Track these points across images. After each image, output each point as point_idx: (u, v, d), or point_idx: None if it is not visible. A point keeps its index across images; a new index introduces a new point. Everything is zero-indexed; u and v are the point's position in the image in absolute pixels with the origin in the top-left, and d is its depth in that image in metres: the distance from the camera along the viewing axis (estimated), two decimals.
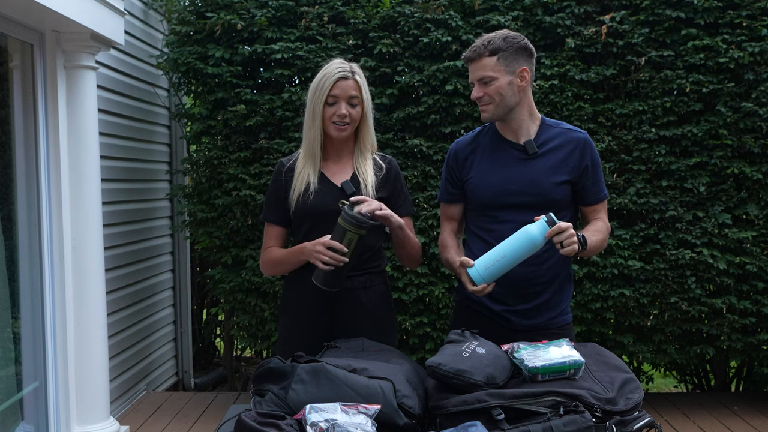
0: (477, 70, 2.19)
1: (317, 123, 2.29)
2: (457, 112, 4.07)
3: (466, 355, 1.77)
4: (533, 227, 2.01)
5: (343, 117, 2.26)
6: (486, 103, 2.20)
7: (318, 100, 2.27)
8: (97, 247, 3.51)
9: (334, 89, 2.26)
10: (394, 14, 4.10)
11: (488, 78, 2.17)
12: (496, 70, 2.17)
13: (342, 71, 2.27)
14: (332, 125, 2.28)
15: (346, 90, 2.27)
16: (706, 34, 4.03)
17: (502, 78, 2.17)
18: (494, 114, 2.21)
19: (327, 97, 2.26)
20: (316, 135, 2.30)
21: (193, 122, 4.51)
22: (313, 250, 2.18)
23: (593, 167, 2.27)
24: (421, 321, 4.14)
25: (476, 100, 2.22)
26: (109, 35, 3.48)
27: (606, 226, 2.30)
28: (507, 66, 2.18)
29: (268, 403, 1.71)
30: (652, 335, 4.17)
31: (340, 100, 2.26)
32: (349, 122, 2.28)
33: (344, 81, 2.26)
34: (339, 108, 2.26)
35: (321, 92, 2.27)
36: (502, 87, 2.18)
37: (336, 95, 2.26)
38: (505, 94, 2.19)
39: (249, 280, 4.20)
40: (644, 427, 1.67)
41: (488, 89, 2.18)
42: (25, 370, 3.35)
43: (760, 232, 4.02)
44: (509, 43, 2.18)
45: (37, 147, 3.33)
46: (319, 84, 2.28)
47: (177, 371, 5.42)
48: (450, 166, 2.35)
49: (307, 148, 2.33)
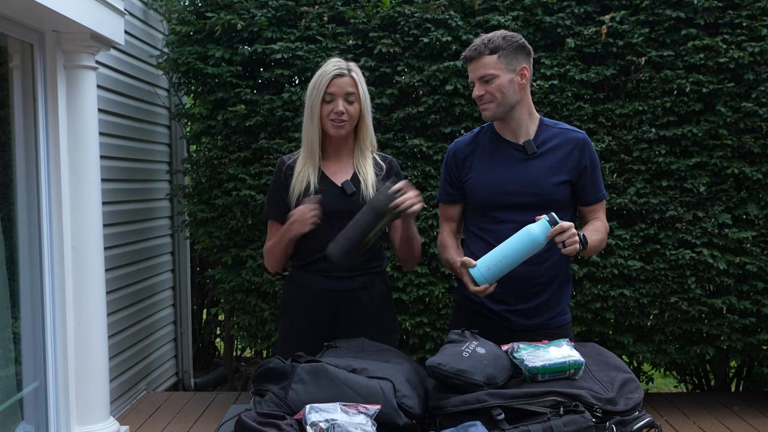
0: (478, 68, 2.18)
1: (315, 121, 2.29)
2: (457, 112, 4.07)
3: (466, 355, 1.77)
4: (535, 227, 2.01)
5: (340, 114, 2.26)
6: (487, 101, 2.19)
7: (315, 99, 2.28)
8: (97, 247, 3.51)
9: (331, 86, 2.26)
10: (394, 14, 4.10)
11: (489, 76, 2.17)
12: (497, 68, 2.17)
13: (338, 69, 2.27)
14: (330, 123, 2.28)
15: (343, 87, 2.27)
16: (706, 34, 4.03)
17: (503, 76, 2.18)
18: (495, 112, 2.21)
19: (324, 94, 2.26)
20: (315, 133, 2.31)
21: (193, 122, 4.52)
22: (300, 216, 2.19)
23: (592, 167, 2.28)
24: (421, 321, 4.14)
25: (477, 99, 2.22)
26: (109, 35, 3.48)
27: (605, 226, 2.31)
28: (507, 64, 2.18)
29: (268, 403, 1.71)
30: (652, 335, 4.17)
31: (336, 98, 2.26)
32: (346, 119, 2.28)
33: (340, 78, 2.27)
34: (336, 105, 2.26)
35: (318, 90, 2.27)
36: (503, 85, 2.18)
37: (333, 93, 2.26)
38: (506, 92, 2.19)
39: (249, 280, 4.20)
40: (644, 427, 1.67)
41: (490, 87, 2.18)
42: (25, 370, 3.35)
43: (760, 232, 4.02)
44: (509, 41, 2.19)
45: (37, 147, 3.33)
46: (316, 82, 2.28)
47: (177, 371, 5.42)
48: (449, 166, 2.35)
49: (306, 147, 2.34)
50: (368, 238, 2.13)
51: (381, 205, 2.11)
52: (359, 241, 2.13)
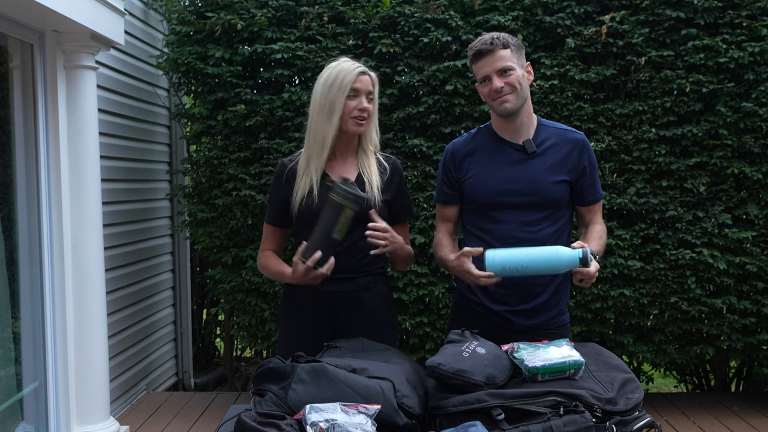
0: (496, 61, 2.16)
1: (335, 117, 2.25)
2: (457, 112, 4.07)
3: (466, 355, 1.77)
4: (566, 254, 1.98)
5: (363, 111, 2.26)
6: (508, 92, 2.17)
7: (338, 95, 2.24)
8: (97, 247, 3.51)
9: (356, 83, 2.25)
10: (394, 14, 4.10)
11: (508, 67, 2.17)
12: (513, 61, 2.18)
13: (361, 67, 2.28)
14: (351, 120, 2.26)
15: (366, 85, 2.27)
16: (706, 34, 4.03)
17: (518, 69, 2.19)
18: (515, 104, 2.19)
19: (350, 90, 2.25)
20: (331, 129, 2.26)
21: (193, 122, 4.52)
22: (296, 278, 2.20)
23: (591, 168, 2.28)
24: (421, 321, 4.14)
25: (495, 93, 2.18)
26: (109, 35, 3.48)
27: (604, 229, 2.33)
28: (518, 59, 2.20)
29: (268, 403, 1.71)
30: (652, 335, 4.17)
31: (361, 95, 2.26)
32: (367, 117, 2.28)
33: (364, 76, 2.27)
34: (360, 102, 2.25)
35: (342, 86, 2.24)
36: (520, 77, 2.19)
37: (358, 89, 2.25)
38: (523, 84, 2.20)
39: (249, 280, 4.20)
40: (644, 427, 1.67)
41: (509, 78, 2.17)
42: (25, 370, 3.35)
43: (760, 232, 4.02)
44: (513, 39, 2.22)
45: (37, 147, 3.33)
46: (338, 78, 2.25)
47: (177, 371, 5.42)
48: (447, 167, 2.34)
49: (315, 143, 2.29)
50: (335, 234, 2.13)
51: (337, 199, 2.11)
52: (328, 242, 2.13)
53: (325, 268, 2.14)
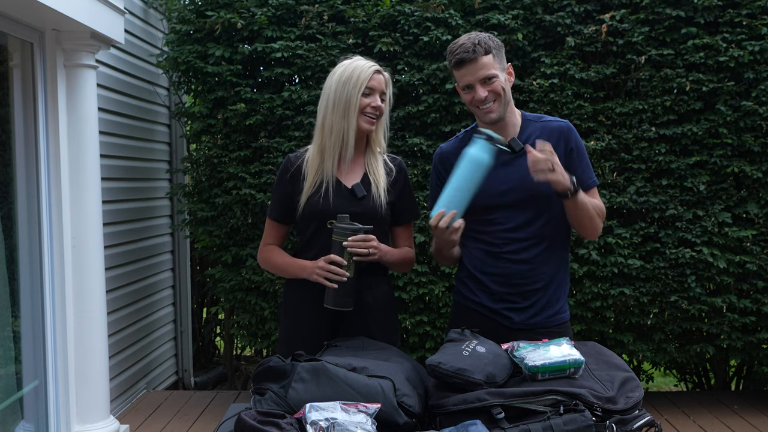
0: (479, 69, 2.13)
1: (352, 114, 2.24)
2: (457, 110, 4.07)
3: (466, 354, 1.77)
4: (473, 152, 2.03)
5: (376, 109, 2.26)
6: (491, 101, 2.16)
7: (354, 91, 2.23)
8: (97, 246, 3.51)
9: (372, 81, 2.24)
10: (394, 13, 4.10)
11: (492, 75, 2.14)
12: (495, 67, 2.15)
13: (376, 65, 2.28)
14: (362, 117, 2.25)
15: (381, 84, 2.27)
16: (706, 32, 4.03)
17: (500, 75, 2.17)
18: (500, 113, 2.18)
19: (365, 88, 2.24)
20: (349, 126, 2.24)
21: (193, 121, 4.51)
22: (314, 268, 2.19)
23: (578, 153, 2.23)
24: (421, 320, 4.14)
25: (479, 103, 2.16)
26: (109, 34, 3.48)
27: (600, 204, 2.26)
28: (500, 63, 2.18)
29: (268, 401, 1.71)
30: (652, 334, 4.17)
31: (375, 93, 2.26)
32: (379, 115, 2.28)
33: (379, 75, 2.27)
34: (375, 99, 2.25)
35: (358, 83, 2.23)
36: (503, 83, 2.17)
37: (373, 87, 2.25)
38: (506, 88, 2.18)
39: (249, 279, 4.20)
40: (644, 425, 1.67)
41: (493, 86, 2.15)
42: (25, 369, 3.35)
43: (760, 230, 4.02)
44: (494, 41, 2.18)
45: (37, 146, 3.33)
46: (353, 75, 2.24)
47: (177, 370, 5.42)
48: (438, 171, 2.33)
49: (335, 140, 2.26)
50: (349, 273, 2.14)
51: (338, 239, 2.14)
52: (346, 284, 2.15)
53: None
